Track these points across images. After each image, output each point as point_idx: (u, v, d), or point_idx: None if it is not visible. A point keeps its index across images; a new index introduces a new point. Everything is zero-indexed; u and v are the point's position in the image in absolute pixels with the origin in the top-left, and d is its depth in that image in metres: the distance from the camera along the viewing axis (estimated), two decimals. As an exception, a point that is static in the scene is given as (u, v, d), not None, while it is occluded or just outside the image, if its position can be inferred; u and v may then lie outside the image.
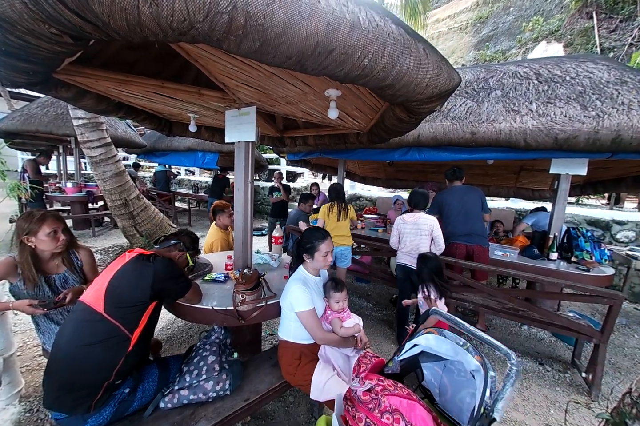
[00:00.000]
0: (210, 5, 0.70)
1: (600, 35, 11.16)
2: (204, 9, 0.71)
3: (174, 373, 1.42)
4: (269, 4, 0.73)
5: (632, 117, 2.08)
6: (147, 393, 1.31)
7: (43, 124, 4.20)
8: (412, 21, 7.95)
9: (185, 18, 0.73)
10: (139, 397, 1.26)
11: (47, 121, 4.24)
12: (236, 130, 1.98)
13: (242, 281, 1.56)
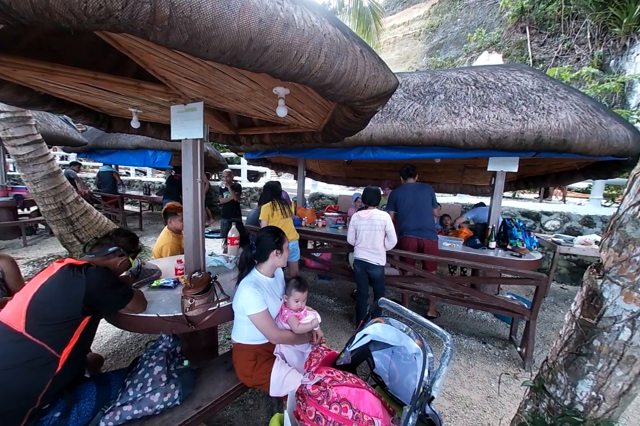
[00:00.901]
0: (129, -7, 0.67)
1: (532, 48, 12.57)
2: (122, -4, 0.67)
3: (116, 389, 1.32)
4: (195, -5, 0.72)
5: (551, 121, 2.38)
6: (84, 414, 1.20)
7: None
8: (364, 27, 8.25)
9: (102, 5, 0.68)
10: (73, 420, 1.15)
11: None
12: (183, 127, 1.89)
13: (191, 285, 1.50)
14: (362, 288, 2.72)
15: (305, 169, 5.83)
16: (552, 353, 1.16)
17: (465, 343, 2.70)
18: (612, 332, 0.94)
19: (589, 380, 1.02)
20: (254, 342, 1.50)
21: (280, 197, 3.08)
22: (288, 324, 1.55)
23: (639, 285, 0.87)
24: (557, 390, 1.12)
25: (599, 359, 0.98)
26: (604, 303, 0.95)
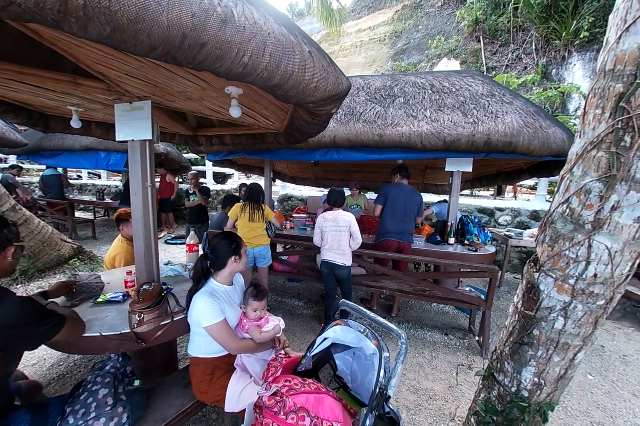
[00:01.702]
0: (29, -24, 0.59)
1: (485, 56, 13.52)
2: (22, -20, 0.59)
3: (54, 416, 1.18)
4: (114, -16, 0.65)
5: (498, 124, 2.55)
6: (14, 447, 1.05)
7: None
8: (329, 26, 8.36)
9: (-2, -11, 0.59)
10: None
11: None
12: (129, 127, 1.76)
13: (139, 298, 1.39)
14: (329, 289, 2.72)
15: (273, 170, 5.77)
16: (500, 344, 1.23)
17: (429, 335, 2.80)
18: (549, 321, 1.01)
19: (531, 367, 1.09)
20: (212, 355, 1.43)
21: (255, 201, 2.95)
22: (249, 334, 1.49)
23: (569, 277, 0.94)
24: (505, 377, 1.18)
25: (539, 347, 1.05)
26: (541, 295, 1.02)
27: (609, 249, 0.85)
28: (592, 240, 0.87)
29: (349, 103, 3.18)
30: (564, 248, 0.94)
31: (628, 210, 0.81)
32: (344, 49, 22.59)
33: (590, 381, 2.28)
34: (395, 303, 3.18)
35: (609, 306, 0.92)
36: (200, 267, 1.44)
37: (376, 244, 3.12)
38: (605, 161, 0.83)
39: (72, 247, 3.87)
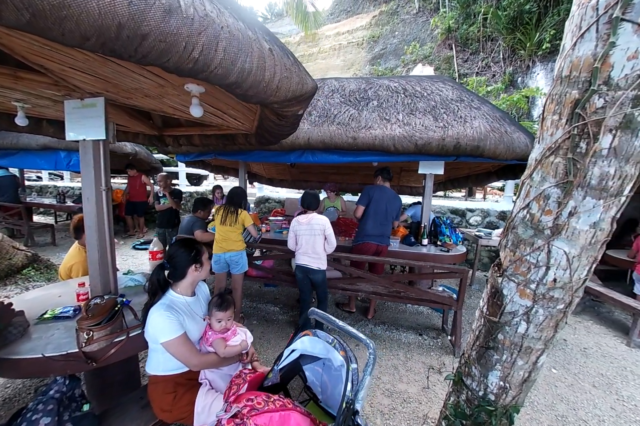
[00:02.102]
0: None
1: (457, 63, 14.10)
2: None
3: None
4: (28, -38, 0.56)
5: (467, 128, 2.62)
6: None
7: None
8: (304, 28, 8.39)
9: None
10: None
11: None
12: (80, 125, 1.62)
13: (87, 314, 1.26)
14: (304, 294, 2.67)
15: (249, 172, 5.65)
16: (467, 348, 1.23)
17: (404, 337, 2.82)
18: (512, 326, 1.01)
19: (497, 371, 1.09)
20: (172, 372, 1.32)
21: (233, 205, 2.82)
22: (213, 347, 1.40)
23: (530, 282, 0.95)
24: (472, 382, 1.18)
25: (504, 351, 1.05)
26: (504, 300, 1.02)
27: (567, 255, 0.86)
28: (552, 246, 0.88)
29: (323, 105, 3.15)
30: (525, 253, 0.94)
31: (584, 216, 0.82)
32: (323, 51, 22.72)
33: (555, 375, 2.39)
34: (371, 306, 3.18)
35: (569, 310, 0.94)
36: (156, 279, 1.33)
37: (355, 246, 3.10)
38: (562, 167, 0.83)
39: (26, 255, 3.53)
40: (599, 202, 0.80)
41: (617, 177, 0.78)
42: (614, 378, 2.39)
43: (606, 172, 0.77)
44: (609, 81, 0.73)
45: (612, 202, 0.80)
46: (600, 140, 0.76)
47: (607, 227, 0.83)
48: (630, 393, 2.22)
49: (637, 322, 2.80)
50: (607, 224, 0.83)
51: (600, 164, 0.78)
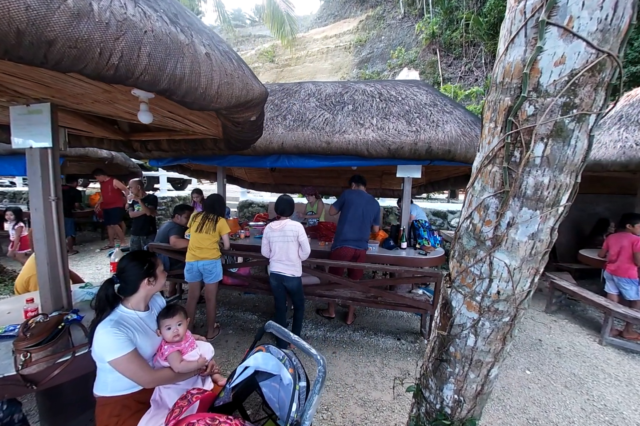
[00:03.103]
0: None
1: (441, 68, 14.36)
2: None
3: None
4: None
5: (439, 132, 2.63)
6: None
7: None
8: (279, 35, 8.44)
9: None
10: None
11: None
12: (26, 132, 1.54)
13: (25, 334, 1.18)
14: (279, 302, 2.61)
15: (230, 176, 5.56)
16: (425, 358, 1.20)
17: (382, 342, 2.79)
18: (462, 339, 0.99)
19: (451, 384, 1.06)
20: (121, 392, 1.24)
21: (213, 212, 2.75)
22: (168, 362, 1.33)
23: (476, 294, 0.93)
24: (430, 394, 1.15)
25: (456, 364, 1.03)
26: (453, 312, 1.00)
27: (508, 267, 0.84)
28: (493, 257, 0.86)
29: (298, 109, 3.12)
30: (469, 264, 0.92)
31: (522, 227, 0.81)
32: (311, 54, 22.81)
33: (528, 376, 2.39)
34: (350, 311, 3.14)
35: (515, 322, 0.92)
36: (104, 294, 1.25)
37: (333, 251, 3.07)
38: (499, 177, 0.82)
39: (-13, 266, 3.37)
40: (535, 212, 0.78)
41: (552, 187, 0.76)
42: (586, 377, 2.42)
43: (540, 181, 0.76)
44: (539, 87, 0.71)
45: (549, 213, 0.78)
46: (533, 149, 0.74)
47: (546, 238, 0.81)
48: (600, 393, 2.24)
49: (608, 320, 2.85)
50: (546, 235, 0.81)
51: (534, 173, 0.76)
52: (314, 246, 3.47)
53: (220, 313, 3.30)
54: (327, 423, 1.86)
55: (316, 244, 3.60)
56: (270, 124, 2.98)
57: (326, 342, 2.78)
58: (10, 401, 1.21)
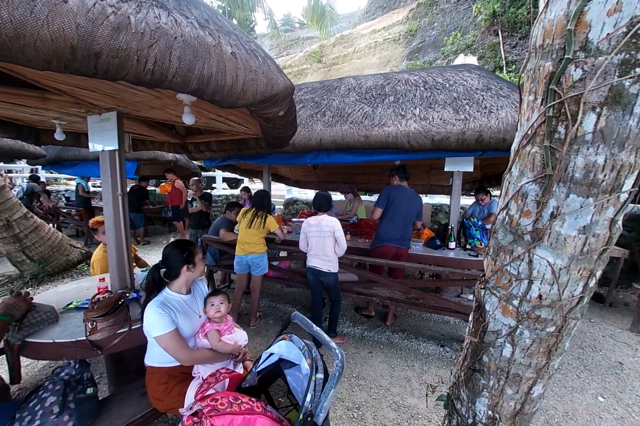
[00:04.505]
0: None
1: (504, 50, 12.83)
2: None
3: (4, 423, 1.21)
4: (-19, 3, 0.65)
5: (491, 119, 2.36)
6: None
7: None
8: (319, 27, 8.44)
9: None
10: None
11: None
12: (99, 137, 1.81)
13: (93, 306, 1.40)
14: (315, 297, 2.64)
15: (276, 174, 5.80)
16: (457, 367, 1.10)
17: (423, 347, 2.63)
18: (496, 348, 0.88)
19: (484, 398, 0.95)
20: (166, 365, 1.40)
21: (261, 208, 2.89)
22: (208, 338, 1.46)
23: (513, 297, 0.81)
24: (462, 406, 1.05)
25: (490, 376, 0.92)
26: (487, 316, 0.89)
27: (552, 266, 0.72)
28: (533, 254, 0.74)
29: (338, 104, 3.10)
30: (505, 262, 0.81)
31: (570, 218, 0.68)
32: (358, 50, 22.46)
33: (601, 404, 2.01)
34: (390, 312, 3.02)
35: (563, 333, 0.78)
36: (152, 278, 1.42)
37: (373, 249, 2.98)
38: (539, 158, 0.70)
39: (80, 252, 4.09)
40: (587, 200, 0.65)
41: (608, 169, 0.62)
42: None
43: (593, 162, 0.62)
44: (587, 45, 0.58)
45: (606, 201, 0.64)
46: (581, 121, 0.61)
47: (603, 232, 0.67)
48: None
49: None
50: (604, 228, 0.67)
51: (585, 152, 0.63)
52: (353, 243, 3.43)
53: (263, 304, 3.47)
54: (358, 423, 1.83)
55: (356, 241, 3.55)
56: (309, 121, 3.02)
57: (363, 341, 2.72)
58: (81, 362, 1.45)
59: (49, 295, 1.90)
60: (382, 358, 2.46)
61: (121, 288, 1.85)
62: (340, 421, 1.83)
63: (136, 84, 0.96)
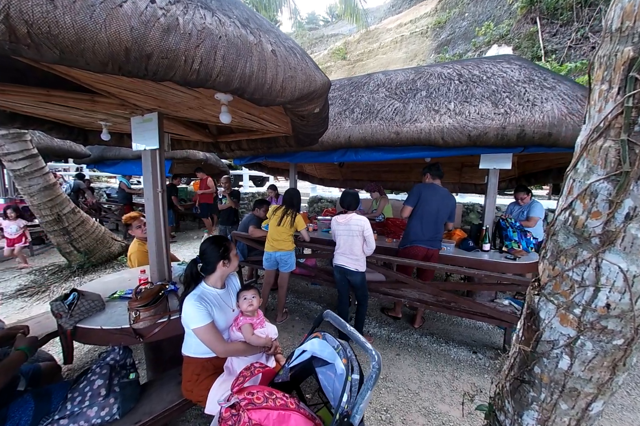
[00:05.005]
0: (-24, 16, 0.66)
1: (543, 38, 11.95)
2: (-28, 21, 0.66)
3: (57, 401, 1.32)
4: (50, 11, 0.70)
5: (535, 113, 2.20)
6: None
7: (-37, 137, 3.85)
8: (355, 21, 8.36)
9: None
10: (7, 436, 1.15)
11: (-32, 133, 3.90)
12: (142, 137, 1.91)
13: (136, 297, 1.48)
14: (341, 295, 2.63)
15: (301, 172, 5.84)
16: (502, 377, 1.03)
17: (454, 352, 2.53)
18: (551, 359, 0.81)
19: (533, 412, 0.89)
20: (202, 355, 1.46)
21: (291, 206, 2.93)
22: (241, 332, 1.50)
23: (574, 306, 0.74)
24: (505, 418, 0.99)
25: (542, 388, 0.85)
26: (541, 324, 0.83)
27: (625, 273, 0.64)
28: (601, 259, 0.67)
29: (367, 101, 3.04)
30: (566, 267, 0.74)
31: (650, 221, 0.60)
32: (383, 46, 21.99)
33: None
34: (418, 314, 2.94)
35: (633, 348, 0.70)
36: (189, 272, 1.48)
37: (401, 250, 2.91)
38: (614, 153, 0.63)
39: (120, 245, 4.38)
40: (673, 202, 0.58)
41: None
42: None
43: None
44: None
45: (698, 203, 0.57)
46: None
47: (691, 237, 0.59)
48: None
49: None
50: (692, 233, 0.59)
51: (673, 148, 0.56)
52: (380, 242, 3.36)
53: (289, 300, 3.52)
54: (386, 425, 1.80)
55: (383, 240, 3.48)
56: (337, 118, 2.99)
57: (390, 342, 2.67)
58: (124, 348, 1.54)
59: (95, 284, 2.04)
60: (410, 361, 2.40)
61: (160, 279, 1.95)
62: (369, 422, 1.81)
63: (182, 84, 0.99)
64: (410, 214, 2.83)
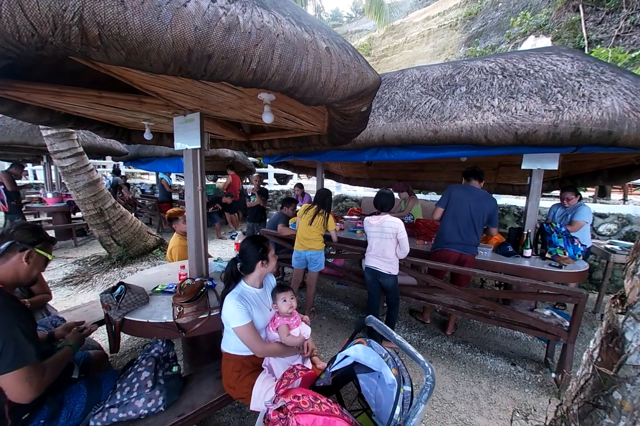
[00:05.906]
0: (54, 19, 0.68)
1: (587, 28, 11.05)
2: (49, 22, 0.69)
3: (107, 390, 1.38)
4: (120, 12, 0.71)
5: (592, 110, 2.02)
6: (76, 414, 1.27)
7: (18, 135, 4.17)
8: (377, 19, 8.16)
9: (33, 33, 0.70)
10: (62, 422, 1.22)
11: (22, 131, 4.21)
12: (184, 137, 1.95)
13: (180, 292, 1.52)
14: (372, 297, 2.58)
15: (327, 171, 5.81)
16: (567, 398, 0.95)
17: (491, 363, 2.40)
18: (637, 385, 0.73)
19: (610, 440, 0.81)
20: (241, 353, 1.47)
21: (322, 206, 2.92)
22: (278, 332, 1.50)
23: (673, 327, 0.66)
24: (572, 444, 0.91)
25: (621, 416, 0.77)
26: (627, 347, 0.74)
27: None
28: None
29: (401, 98, 2.95)
30: (666, 285, 0.66)
31: None
32: (410, 40, 21.35)
33: None
34: (451, 320, 2.83)
35: None
36: (230, 271, 1.50)
37: (432, 253, 2.80)
38: None
39: (155, 239, 4.59)
40: None
41: None
42: None
43: None
44: None
45: None
46: None
47: None
48: None
49: None
50: None
51: None
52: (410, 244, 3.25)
53: (316, 299, 3.52)
54: (422, 435, 1.74)
55: (413, 242, 3.38)
56: (370, 116, 2.91)
57: (420, 349, 2.59)
58: (168, 341, 1.60)
59: (138, 278, 2.13)
60: (444, 370, 2.31)
61: (198, 275, 2.00)
62: (402, 430, 1.76)
63: (236, 85, 0.98)
64: (442, 216, 2.72)
